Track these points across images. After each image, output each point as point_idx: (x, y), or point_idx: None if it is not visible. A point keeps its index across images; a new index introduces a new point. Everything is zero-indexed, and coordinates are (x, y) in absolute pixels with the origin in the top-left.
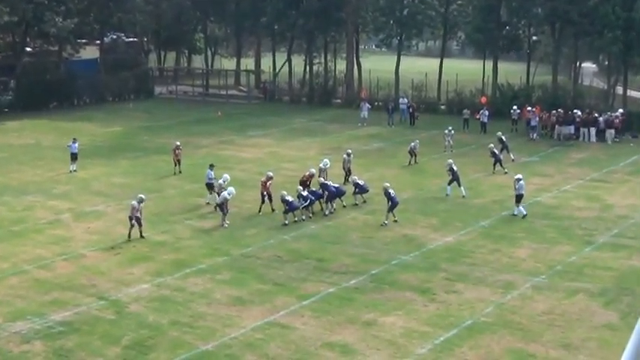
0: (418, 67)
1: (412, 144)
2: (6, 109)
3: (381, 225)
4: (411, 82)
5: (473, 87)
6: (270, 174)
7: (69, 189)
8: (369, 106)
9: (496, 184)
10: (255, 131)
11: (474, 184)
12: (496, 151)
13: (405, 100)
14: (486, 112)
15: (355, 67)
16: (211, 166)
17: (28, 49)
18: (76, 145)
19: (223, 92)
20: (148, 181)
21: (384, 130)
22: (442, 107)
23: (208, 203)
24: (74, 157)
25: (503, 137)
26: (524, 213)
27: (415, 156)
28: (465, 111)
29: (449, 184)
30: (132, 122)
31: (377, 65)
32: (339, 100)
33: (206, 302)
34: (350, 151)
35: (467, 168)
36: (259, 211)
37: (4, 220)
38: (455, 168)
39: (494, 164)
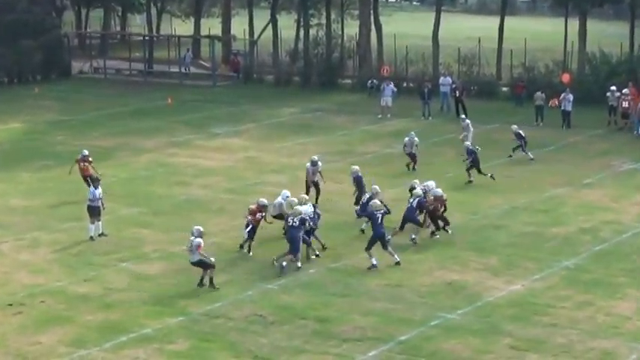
0: (467, 29)
1: (407, 139)
2: None
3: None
4: (456, 53)
5: (549, 59)
6: (264, 202)
7: None
8: (394, 89)
9: (585, 203)
10: (224, 127)
11: (553, 204)
12: (522, 133)
13: (449, 80)
14: (570, 97)
15: (373, 30)
16: (95, 182)
17: None
18: None
19: (175, 69)
20: (61, 204)
21: (416, 124)
22: (504, 90)
23: (92, 237)
24: None
25: (520, 131)
26: None
27: (414, 158)
28: (538, 95)
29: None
30: (39, 115)
31: (405, 28)
32: (348, 81)
33: None
34: (316, 158)
35: (542, 180)
36: (244, 249)
37: None
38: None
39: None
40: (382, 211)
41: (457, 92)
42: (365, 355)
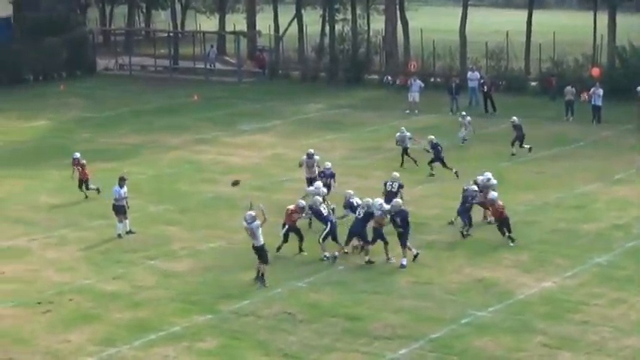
0: (495, 24)
1: (398, 134)
2: None
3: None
4: (484, 48)
5: (578, 53)
6: (303, 203)
7: None
8: (422, 85)
9: (617, 199)
10: (250, 124)
11: (585, 200)
12: (521, 125)
13: (476, 75)
14: (600, 91)
15: (399, 25)
16: (121, 181)
17: None
18: None
19: (200, 65)
20: (89, 200)
21: (444, 120)
22: (532, 84)
23: (120, 235)
24: None
25: (518, 121)
26: None
27: (406, 154)
28: (569, 89)
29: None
30: (65, 113)
31: (432, 22)
32: (375, 76)
33: None
34: (312, 151)
35: (573, 176)
36: (278, 250)
37: None
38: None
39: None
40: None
41: (485, 87)
42: (395, 354)
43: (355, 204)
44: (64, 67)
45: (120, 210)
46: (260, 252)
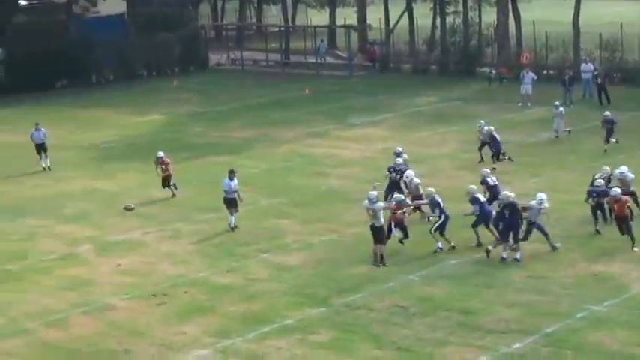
0: (608, 15)
1: (485, 129)
2: None
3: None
4: (598, 39)
5: None
6: (401, 197)
7: (87, 207)
8: (534, 77)
9: None
10: (361, 117)
11: None
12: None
13: (590, 67)
14: None
15: (511, 17)
16: (230, 174)
17: (23, 2)
18: (43, 133)
19: (311, 59)
20: (202, 194)
21: None
22: None
23: (232, 228)
24: (40, 149)
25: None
26: None
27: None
28: None
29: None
30: (178, 107)
31: (544, 14)
32: (486, 69)
33: None
34: (400, 149)
35: None
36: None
37: None
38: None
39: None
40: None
41: (599, 79)
42: (509, 348)
43: (482, 199)
44: (177, 63)
45: (231, 203)
46: (378, 232)
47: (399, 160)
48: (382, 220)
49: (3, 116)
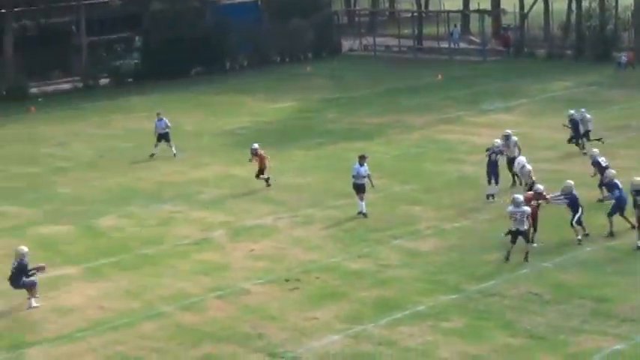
0: None
1: (578, 115)
2: (130, 79)
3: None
4: None
5: None
6: (540, 188)
7: (222, 193)
8: None
9: None
10: (494, 103)
11: None
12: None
13: None
14: None
15: None
16: (361, 159)
17: None
18: (164, 122)
19: (444, 45)
20: (335, 179)
21: None
22: None
23: (363, 214)
24: (162, 138)
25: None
26: None
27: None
28: None
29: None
30: (311, 93)
31: None
32: (623, 54)
33: None
34: (509, 131)
35: None
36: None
37: (132, 240)
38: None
39: None
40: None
41: None
42: None
43: (620, 185)
44: (309, 49)
45: (360, 188)
46: (522, 234)
47: (498, 142)
48: (526, 224)
49: (139, 103)
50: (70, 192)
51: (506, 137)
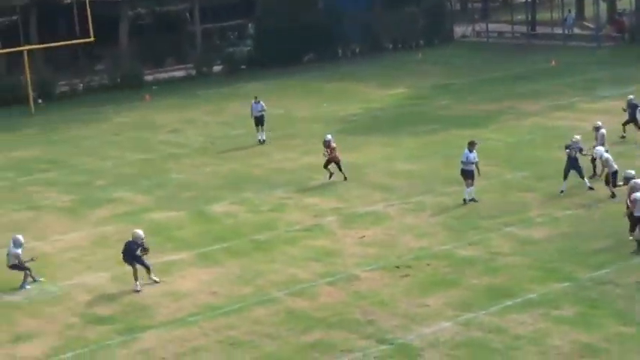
0: None
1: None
2: (243, 66)
3: None
4: None
5: None
6: (631, 174)
7: (333, 180)
8: None
9: None
10: (608, 90)
11: None
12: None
13: None
14: None
15: None
16: (471, 145)
17: None
18: (261, 105)
19: (558, 31)
20: (446, 166)
21: None
22: None
23: (472, 200)
24: (258, 122)
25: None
26: None
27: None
28: None
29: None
30: (422, 80)
31: None
32: None
33: (538, 351)
34: (599, 123)
35: None
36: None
37: (244, 226)
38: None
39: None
40: None
41: None
42: None
43: None
44: (422, 36)
45: (468, 175)
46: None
47: (577, 137)
48: None
49: (252, 89)
50: (183, 178)
51: (596, 129)
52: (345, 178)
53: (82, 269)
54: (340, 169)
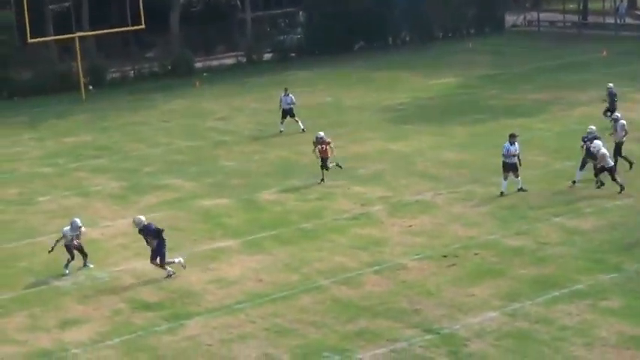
0: None
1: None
2: (292, 54)
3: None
4: None
5: None
6: None
7: (381, 169)
8: None
9: None
10: None
11: None
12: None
13: None
14: None
15: None
16: (511, 137)
17: None
18: (290, 98)
19: (610, 20)
20: (495, 156)
21: None
22: None
23: (520, 189)
24: (286, 114)
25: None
26: None
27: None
28: None
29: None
30: (472, 69)
31: None
32: None
33: (584, 343)
34: (618, 115)
35: None
36: None
37: (292, 214)
38: None
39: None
40: None
41: None
42: None
43: None
44: (472, 24)
45: (509, 167)
46: None
47: (592, 128)
48: None
49: (303, 78)
50: (232, 165)
51: (615, 120)
52: (323, 180)
53: (131, 256)
54: (326, 168)
